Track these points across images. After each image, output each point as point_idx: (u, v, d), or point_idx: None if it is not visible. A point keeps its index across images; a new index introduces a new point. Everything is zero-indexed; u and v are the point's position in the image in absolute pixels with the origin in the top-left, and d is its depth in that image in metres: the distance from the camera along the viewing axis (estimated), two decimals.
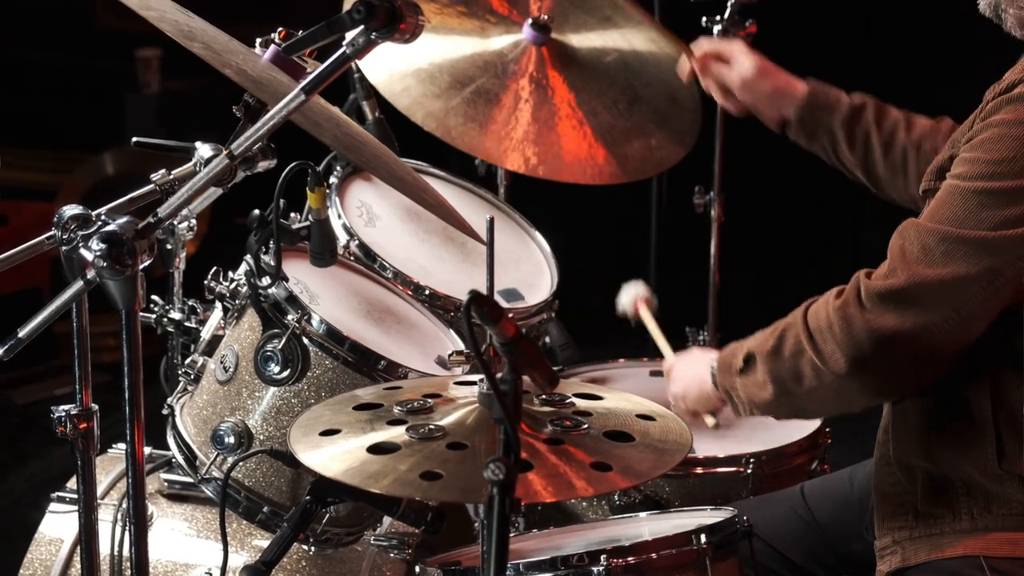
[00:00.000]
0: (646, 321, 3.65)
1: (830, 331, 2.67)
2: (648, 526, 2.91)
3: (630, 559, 2.58)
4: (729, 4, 4.45)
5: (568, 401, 2.48)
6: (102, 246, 2.20)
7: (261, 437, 2.97)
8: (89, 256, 2.22)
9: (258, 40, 2.80)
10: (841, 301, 2.69)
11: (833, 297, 2.72)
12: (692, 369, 3.00)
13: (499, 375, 2.14)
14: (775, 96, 3.44)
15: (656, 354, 3.59)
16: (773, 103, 3.45)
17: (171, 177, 2.58)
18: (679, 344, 4.46)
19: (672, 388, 3.04)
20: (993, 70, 2.78)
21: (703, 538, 2.62)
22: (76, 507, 2.49)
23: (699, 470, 3.30)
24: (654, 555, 2.59)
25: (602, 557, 2.57)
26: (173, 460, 3.11)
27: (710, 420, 3.10)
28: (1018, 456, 2.64)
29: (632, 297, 3.67)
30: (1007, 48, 2.78)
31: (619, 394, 2.61)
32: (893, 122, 3.31)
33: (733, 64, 3.48)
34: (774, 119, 3.47)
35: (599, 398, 2.53)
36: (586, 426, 2.39)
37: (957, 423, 2.70)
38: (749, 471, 3.26)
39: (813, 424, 3.41)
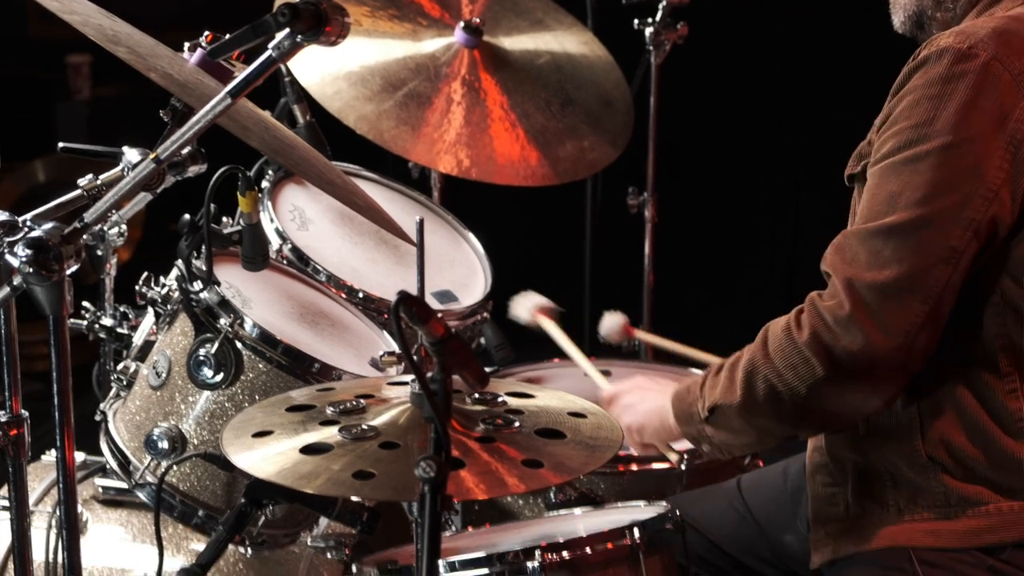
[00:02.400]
0: (551, 332, 3.56)
1: (807, 367, 2.58)
2: (583, 522, 2.93)
3: (564, 555, 2.59)
4: (661, 6, 4.49)
5: (500, 400, 2.49)
6: (28, 252, 2.20)
7: (195, 441, 2.97)
8: (15, 262, 2.22)
9: (186, 44, 2.80)
10: (809, 335, 2.58)
11: (795, 329, 2.60)
12: (648, 401, 2.89)
13: (430, 375, 2.15)
14: None
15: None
16: None
17: (98, 182, 2.58)
18: (614, 349, 4.50)
19: (625, 419, 2.91)
20: None
21: (636, 533, 2.63)
22: (8, 514, 2.48)
23: (634, 467, 3.31)
24: (588, 550, 2.61)
25: (536, 553, 2.58)
26: (107, 466, 3.10)
27: (673, 456, 3.04)
28: (941, 441, 2.66)
29: (530, 307, 3.61)
30: None
31: (551, 392, 2.63)
32: None
33: None
34: None
35: (531, 396, 2.55)
36: (518, 424, 2.41)
37: (883, 413, 2.69)
38: (683, 467, 3.28)
39: None
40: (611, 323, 3.72)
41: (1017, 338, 2.63)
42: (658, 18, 4.51)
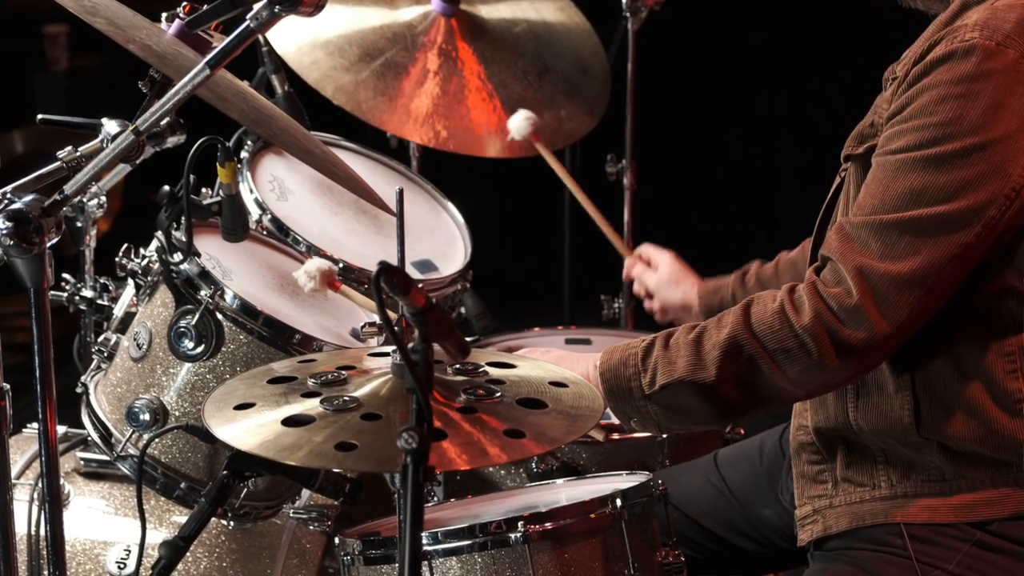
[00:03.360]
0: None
1: (802, 351, 2.54)
2: (565, 492, 2.93)
3: (547, 525, 2.59)
4: None
5: (481, 370, 2.49)
6: (8, 224, 2.20)
7: (176, 413, 2.97)
8: None
9: (164, 15, 2.79)
10: (811, 320, 2.53)
11: (791, 312, 2.55)
12: (569, 368, 2.72)
13: (411, 345, 2.15)
14: (685, 308, 3.39)
15: None
16: (686, 313, 3.38)
17: (78, 154, 2.56)
18: (594, 312, 4.50)
19: None
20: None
21: (619, 502, 2.63)
22: None
23: (615, 436, 3.32)
24: (571, 520, 2.61)
25: (519, 524, 2.58)
26: (88, 438, 3.10)
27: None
28: (936, 423, 2.64)
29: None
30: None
31: (531, 362, 2.63)
32: (776, 258, 3.26)
33: (656, 269, 3.42)
34: None
35: (512, 366, 2.55)
36: (499, 394, 2.40)
37: (874, 393, 2.68)
38: (664, 436, 3.29)
39: None
40: (521, 123, 3.73)
41: (1019, 318, 2.61)
42: None
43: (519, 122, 3.75)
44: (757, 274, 3.30)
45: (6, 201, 2.26)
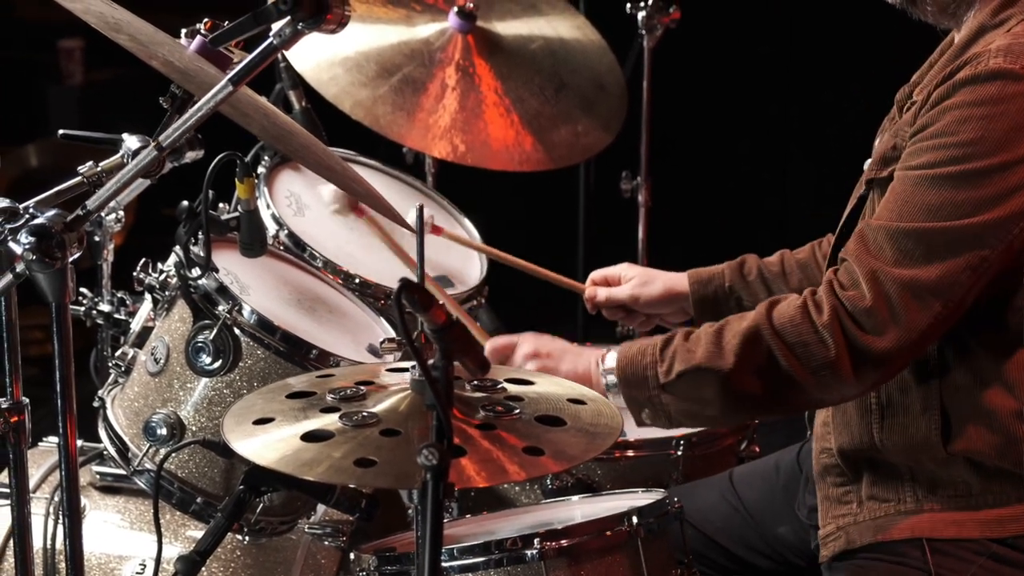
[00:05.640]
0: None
1: (821, 347, 2.57)
2: (580, 509, 2.93)
3: (563, 542, 2.59)
4: None
5: (500, 386, 2.49)
6: (31, 239, 2.20)
7: (193, 428, 2.97)
8: (18, 249, 2.22)
9: (183, 31, 2.79)
10: (829, 319, 2.56)
11: (813, 309, 2.59)
12: (566, 364, 2.82)
13: (431, 361, 2.15)
14: (668, 298, 3.28)
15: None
16: (671, 304, 3.29)
17: (99, 169, 2.57)
18: (608, 329, 4.50)
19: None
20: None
21: (635, 520, 2.63)
22: (8, 501, 2.48)
23: (631, 453, 3.32)
24: (586, 537, 2.61)
25: (535, 541, 2.58)
26: (105, 452, 3.10)
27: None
28: (963, 438, 2.65)
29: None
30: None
31: (550, 379, 2.63)
32: (778, 255, 3.22)
33: (621, 282, 3.33)
34: (680, 319, 3.31)
35: (530, 383, 2.55)
36: (518, 411, 2.40)
37: (900, 410, 2.69)
38: (680, 453, 3.29)
39: None
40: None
41: None
42: (650, 2, 4.52)
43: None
44: (759, 269, 3.24)
45: (27, 216, 2.26)
